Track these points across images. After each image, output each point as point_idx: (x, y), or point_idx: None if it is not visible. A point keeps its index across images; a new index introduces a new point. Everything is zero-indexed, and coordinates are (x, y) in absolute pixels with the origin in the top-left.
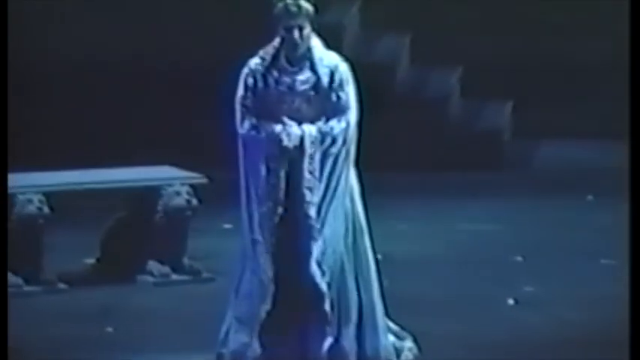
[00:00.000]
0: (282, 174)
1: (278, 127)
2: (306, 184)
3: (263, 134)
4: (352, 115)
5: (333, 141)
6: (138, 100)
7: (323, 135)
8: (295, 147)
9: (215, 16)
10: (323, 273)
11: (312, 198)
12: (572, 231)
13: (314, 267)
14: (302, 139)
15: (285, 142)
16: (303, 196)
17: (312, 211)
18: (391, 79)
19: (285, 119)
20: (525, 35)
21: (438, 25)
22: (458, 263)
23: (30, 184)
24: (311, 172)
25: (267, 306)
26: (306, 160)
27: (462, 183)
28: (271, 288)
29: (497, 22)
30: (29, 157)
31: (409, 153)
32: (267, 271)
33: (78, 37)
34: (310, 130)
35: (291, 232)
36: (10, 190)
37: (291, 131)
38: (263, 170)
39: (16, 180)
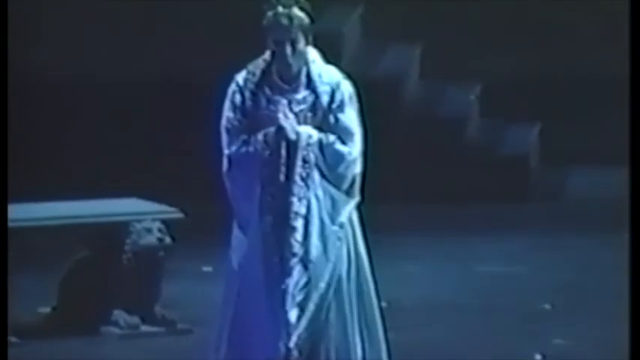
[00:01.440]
0: (282, 178)
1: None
2: (295, 190)
3: (253, 145)
4: (356, 141)
5: (333, 158)
6: (101, 122)
7: (321, 144)
8: (292, 141)
9: (197, 35)
10: (301, 308)
11: (300, 209)
12: (609, 274)
13: (289, 298)
14: (298, 135)
15: (282, 120)
16: (290, 204)
17: (299, 224)
18: (398, 97)
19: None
20: (555, 47)
21: (453, 34)
22: (475, 311)
23: None
24: (303, 179)
25: (284, 341)
26: (299, 161)
27: (480, 217)
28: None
29: (521, 31)
30: None
31: (418, 182)
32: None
33: (37, 59)
34: (309, 131)
35: (277, 250)
36: None
37: (289, 114)
38: (258, 187)
39: None
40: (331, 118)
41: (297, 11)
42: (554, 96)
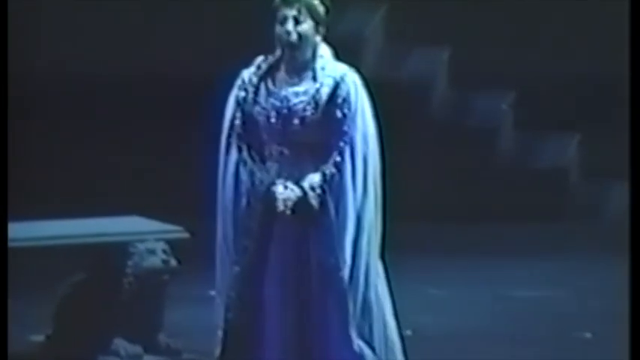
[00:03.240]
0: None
1: (266, 180)
2: (331, 244)
3: (246, 182)
4: (369, 139)
5: (341, 181)
6: (98, 130)
7: (330, 180)
8: (293, 211)
9: (203, 36)
10: None
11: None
12: None
13: None
14: (305, 194)
15: (281, 207)
16: (335, 263)
17: (346, 275)
18: (424, 105)
19: (279, 180)
20: (597, 51)
21: (484, 36)
22: (508, 340)
23: None
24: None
25: None
26: (319, 216)
27: (514, 237)
28: None
29: (559, 35)
30: None
31: (445, 198)
32: None
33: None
34: (312, 181)
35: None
36: None
37: (287, 193)
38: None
39: None
40: (337, 113)
41: None
42: (595, 104)
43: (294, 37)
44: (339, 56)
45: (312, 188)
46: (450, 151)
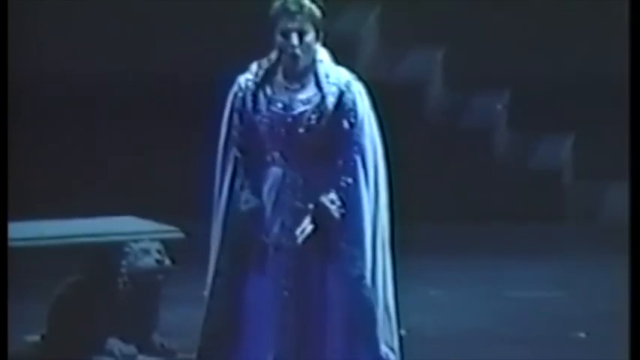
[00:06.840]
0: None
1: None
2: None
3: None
4: (377, 147)
5: (354, 191)
6: (93, 129)
7: (346, 190)
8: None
9: (203, 37)
10: None
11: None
12: None
13: None
14: (326, 210)
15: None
16: (359, 271)
17: (367, 277)
18: (418, 106)
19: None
20: (593, 51)
21: (478, 38)
22: (506, 340)
23: None
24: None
25: None
26: (338, 227)
27: (510, 238)
28: None
29: (554, 34)
30: None
31: (443, 199)
32: None
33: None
34: (329, 195)
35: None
36: None
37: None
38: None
39: None
40: (344, 123)
41: (307, 1)
42: (590, 104)
43: (299, 51)
44: (336, 59)
45: (332, 201)
46: (446, 151)
